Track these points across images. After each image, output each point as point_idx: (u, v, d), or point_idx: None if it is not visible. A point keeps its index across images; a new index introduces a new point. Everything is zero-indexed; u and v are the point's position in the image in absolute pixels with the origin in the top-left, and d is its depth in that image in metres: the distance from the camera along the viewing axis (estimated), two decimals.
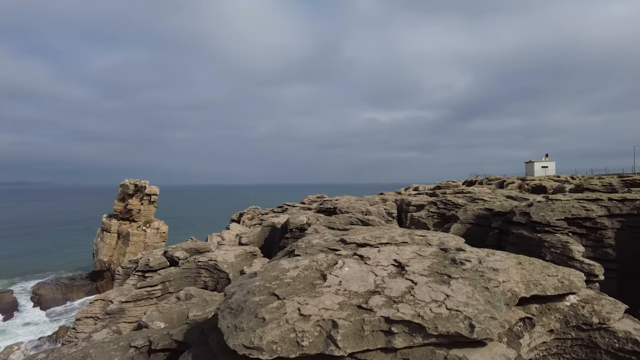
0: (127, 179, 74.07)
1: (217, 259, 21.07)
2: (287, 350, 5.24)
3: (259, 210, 53.20)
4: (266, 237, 32.37)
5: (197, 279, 20.94)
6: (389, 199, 35.82)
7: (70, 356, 9.40)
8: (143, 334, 9.85)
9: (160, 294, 20.05)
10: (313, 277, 7.33)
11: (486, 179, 59.29)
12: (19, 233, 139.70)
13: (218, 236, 38.37)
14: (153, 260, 22.61)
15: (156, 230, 70.70)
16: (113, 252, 71.40)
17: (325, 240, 10.32)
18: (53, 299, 63.86)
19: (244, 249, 22.70)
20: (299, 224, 25.14)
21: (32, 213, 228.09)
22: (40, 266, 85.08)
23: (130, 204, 71.90)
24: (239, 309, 6.27)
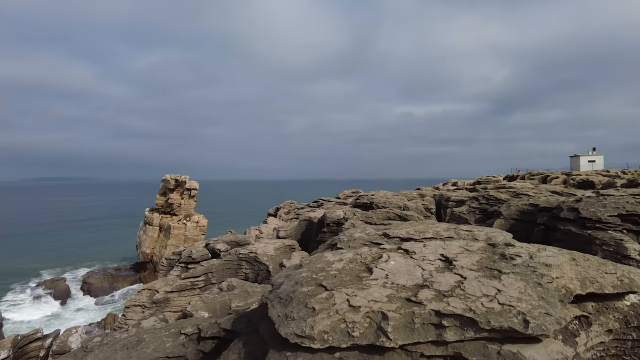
0: (168, 174, 76.78)
1: (257, 252, 21.55)
2: (338, 340, 5.34)
3: (295, 205, 53.72)
4: (303, 231, 32.73)
5: (238, 271, 21.51)
6: (426, 194, 35.24)
7: (125, 340, 9.93)
8: (192, 322, 10.27)
9: (203, 285, 20.76)
10: (359, 270, 7.38)
11: (528, 173, 57.13)
12: (68, 226, 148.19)
13: (256, 230, 39.16)
14: (195, 252, 23.40)
15: (196, 223, 73.00)
16: (155, 244, 74.37)
17: (368, 234, 10.34)
18: (101, 287, 67.49)
19: (282, 242, 23.09)
20: (335, 219, 25.24)
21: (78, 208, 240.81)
22: (88, 257, 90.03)
23: (171, 198, 74.55)
24: (288, 298, 6.43)
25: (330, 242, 10.69)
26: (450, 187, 52.93)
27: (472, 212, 25.18)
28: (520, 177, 56.22)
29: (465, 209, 25.35)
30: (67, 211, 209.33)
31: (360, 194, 35.06)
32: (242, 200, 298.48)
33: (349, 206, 31.38)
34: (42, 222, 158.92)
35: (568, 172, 51.20)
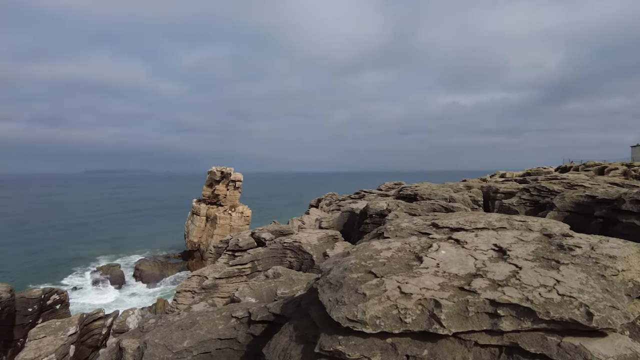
0: (214, 167, 79.30)
1: (301, 241, 21.88)
2: (390, 326, 5.35)
3: (336, 196, 53.82)
4: (345, 222, 32.78)
5: (282, 259, 21.97)
6: (473, 186, 34.15)
7: (180, 321, 10.45)
8: (242, 306, 10.63)
9: (249, 272, 21.39)
10: (408, 259, 7.33)
11: (583, 165, 53.80)
12: (122, 216, 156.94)
13: (299, 220, 39.69)
14: (242, 240, 24.11)
15: (241, 214, 75.06)
16: (202, 233, 77.27)
17: (415, 224, 10.21)
18: (152, 274, 71.15)
19: (326, 232, 23.29)
20: (378, 210, 25.08)
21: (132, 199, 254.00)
22: (140, 245, 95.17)
23: (217, 190, 77.04)
24: (338, 284, 6.50)
25: (377, 231, 10.66)
26: (498, 178, 50.98)
27: (522, 204, 24.14)
28: (574, 168, 53.06)
29: (515, 201, 24.34)
30: (122, 202, 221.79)
31: (403, 186, 34.58)
32: (284, 192, 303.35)
33: (392, 198, 31.05)
34: (99, 212, 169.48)
35: (629, 163, 47.72)
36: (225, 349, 9.20)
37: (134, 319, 19.91)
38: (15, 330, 21.96)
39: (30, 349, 15.52)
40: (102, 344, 20.33)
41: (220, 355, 9.20)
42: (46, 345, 15.78)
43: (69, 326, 16.91)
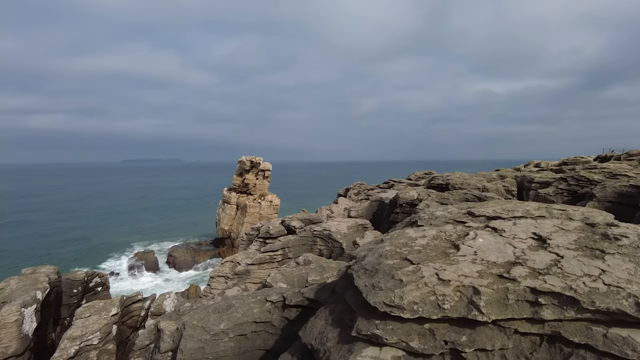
0: (244, 156, 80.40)
1: (330, 229, 22.00)
2: (428, 312, 5.35)
3: (365, 186, 53.57)
4: (374, 211, 32.67)
5: (312, 247, 22.18)
6: (507, 176, 33.22)
7: (216, 305, 10.79)
8: (276, 290, 10.85)
9: (280, 259, 21.73)
10: (444, 247, 7.27)
11: (625, 154, 51.13)
12: (156, 204, 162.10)
13: (327, 209, 39.82)
14: (273, 228, 24.47)
15: (270, 202, 76.02)
16: (232, 221, 78.81)
17: (450, 212, 10.07)
18: (184, 260, 73.29)
19: (355, 221, 23.31)
20: (409, 199, 24.84)
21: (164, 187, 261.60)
22: (173, 232, 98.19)
23: (247, 179, 78.17)
24: (373, 270, 6.53)
25: (410, 220, 10.59)
26: (533, 168, 49.29)
27: (559, 194, 23.30)
28: (615, 157, 50.53)
29: (551, 191, 23.52)
30: (157, 190, 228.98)
31: (434, 175, 34.03)
32: (312, 181, 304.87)
33: (423, 187, 30.65)
34: (135, 200, 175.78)
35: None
36: (260, 332, 9.46)
37: (170, 302, 20.69)
38: (62, 309, 23.24)
39: (78, 327, 16.44)
40: (141, 325, 21.25)
41: (255, 337, 9.47)
42: (91, 324, 16.67)
43: (111, 307, 17.77)
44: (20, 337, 16.70)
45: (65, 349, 16.13)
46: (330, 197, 70.84)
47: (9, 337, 16.39)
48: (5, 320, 16.38)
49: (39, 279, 20.28)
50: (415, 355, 5.27)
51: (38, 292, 18.98)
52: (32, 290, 19.01)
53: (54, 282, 21.35)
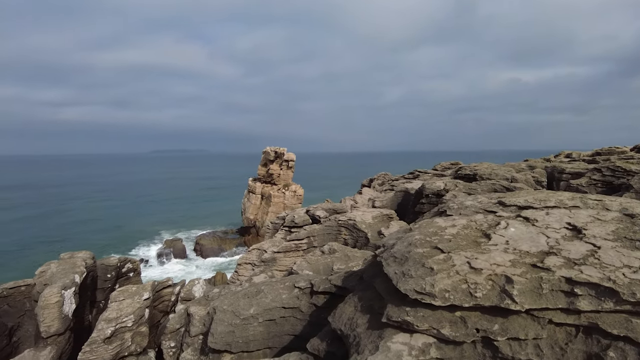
0: (268, 147, 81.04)
1: (355, 219, 22.02)
2: (460, 299, 5.32)
3: (389, 176, 53.17)
4: (399, 202, 32.43)
5: (337, 236, 22.28)
6: (536, 166, 32.28)
7: (245, 290, 11.04)
8: (304, 277, 10.99)
9: (305, 247, 21.95)
10: (475, 236, 7.18)
11: None
12: (183, 194, 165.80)
13: (351, 200, 39.77)
14: (298, 217, 24.68)
15: (294, 192, 76.57)
16: (257, 211, 79.88)
17: (480, 202, 9.91)
18: (211, 248, 74.97)
19: (380, 211, 23.22)
20: (435, 190, 24.53)
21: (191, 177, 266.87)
22: (200, 221, 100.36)
23: (271, 169, 78.89)
24: (403, 258, 6.53)
25: (438, 209, 10.48)
26: (564, 159, 47.68)
27: (592, 185, 22.48)
28: None
29: (584, 182, 22.72)
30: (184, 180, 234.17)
31: (460, 166, 33.42)
32: (336, 172, 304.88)
33: (449, 177, 30.19)
34: (163, 189, 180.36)
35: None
36: (289, 317, 9.62)
37: (199, 288, 21.28)
38: (98, 293, 24.28)
39: (113, 309, 17.16)
40: (171, 310, 21.98)
41: (284, 322, 9.65)
42: (125, 307, 17.36)
43: (144, 291, 18.42)
44: (61, 317, 17.56)
45: (102, 329, 16.87)
46: (354, 188, 70.68)
47: (51, 316, 17.26)
48: (47, 301, 17.24)
49: (76, 264, 21.19)
50: (446, 342, 5.27)
51: (76, 276, 19.86)
52: (71, 273, 19.89)
53: (90, 267, 22.27)
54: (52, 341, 17.46)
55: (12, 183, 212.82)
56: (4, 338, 19.77)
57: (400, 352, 5.19)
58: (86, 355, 16.73)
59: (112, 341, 17.12)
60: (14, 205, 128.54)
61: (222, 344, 9.55)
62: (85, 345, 16.89)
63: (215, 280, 52.11)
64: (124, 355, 17.43)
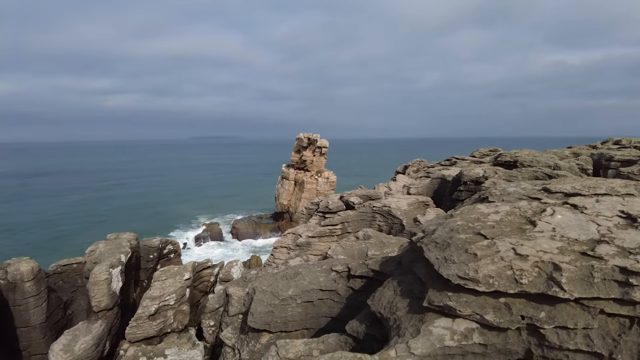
0: (301, 133, 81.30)
1: (390, 206, 21.86)
2: (504, 286, 5.22)
3: (425, 163, 52.19)
4: (435, 189, 31.87)
5: (372, 222, 22.23)
6: (581, 153, 30.75)
7: (284, 272, 11.27)
8: (341, 261, 11.09)
9: (340, 233, 22.06)
10: (519, 223, 6.98)
11: None
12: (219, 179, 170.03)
13: (385, 187, 39.46)
14: (332, 203, 24.76)
15: (326, 179, 76.74)
16: (291, 197, 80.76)
17: (524, 188, 9.60)
18: (246, 232, 76.78)
19: (416, 198, 22.92)
20: (474, 177, 23.91)
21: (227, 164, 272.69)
22: (235, 205, 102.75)
23: (304, 156, 79.23)
24: (444, 243, 6.46)
25: (479, 196, 10.24)
26: (612, 145, 45.10)
27: None
28: None
29: (636, 170, 21.43)
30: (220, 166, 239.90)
31: (500, 152, 32.34)
32: (370, 158, 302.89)
33: (488, 165, 29.30)
34: (201, 175, 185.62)
35: None
36: (326, 299, 9.77)
37: (237, 270, 21.94)
38: (141, 272, 25.53)
39: (157, 288, 18.05)
40: (210, 290, 22.83)
41: (321, 304, 9.81)
42: (168, 286, 18.21)
43: (185, 272, 19.22)
44: (109, 293, 18.62)
45: (147, 307, 17.78)
46: (388, 175, 69.99)
47: (101, 292, 18.34)
48: (97, 278, 18.31)
49: (122, 244, 22.30)
50: (489, 328, 5.20)
51: (122, 256, 20.92)
52: (117, 253, 20.98)
53: (134, 247, 23.38)
54: (103, 315, 18.59)
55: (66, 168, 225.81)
56: (60, 311, 21.22)
57: (442, 336, 5.18)
58: (133, 330, 17.72)
59: (156, 318, 18.03)
60: (65, 189, 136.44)
61: (262, 323, 9.84)
62: (132, 321, 17.88)
63: (250, 263, 53.45)
64: (166, 331, 18.34)
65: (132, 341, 17.55)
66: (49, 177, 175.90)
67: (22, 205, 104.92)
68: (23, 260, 20.08)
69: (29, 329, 19.62)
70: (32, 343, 19.76)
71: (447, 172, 33.53)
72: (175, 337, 18.17)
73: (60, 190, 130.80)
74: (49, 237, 73.54)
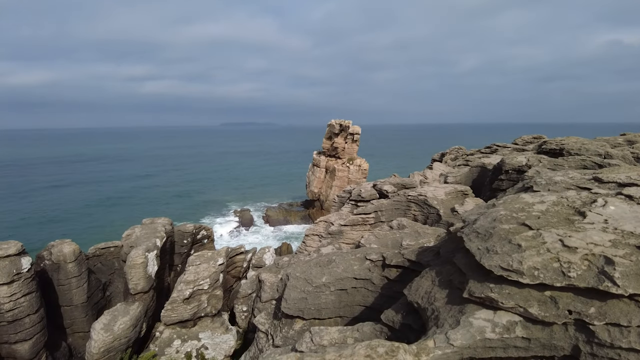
0: (333, 120, 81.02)
1: (427, 195, 21.57)
2: (551, 278, 5.10)
3: (463, 151, 50.99)
4: (474, 178, 31.15)
5: (406, 212, 22.05)
6: (637, 141, 29.09)
7: (317, 259, 11.43)
8: (375, 250, 11.12)
9: (373, 222, 22.04)
10: (567, 213, 6.76)
11: None
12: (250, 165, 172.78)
13: (420, 175, 38.86)
14: (364, 191, 24.72)
15: (358, 167, 76.38)
16: (322, 184, 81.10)
17: (572, 177, 9.26)
18: (277, 219, 78.08)
19: (454, 187, 22.49)
20: (516, 165, 23.17)
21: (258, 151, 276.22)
22: (266, 193, 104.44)
23: (336, 142, 79.05)
24: (487, 234, 6.36)
25: (523, 185, 9.97)
26: None
27: None
28: None
29: None
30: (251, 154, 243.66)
31: (544, 140, 31.10)
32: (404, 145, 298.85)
33: (532, 152, 28.29)
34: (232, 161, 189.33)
35: None
36: (360, 288, 9.85)
37: (270, 256, 22.43)
38: (175, 257, 26.58)
39: (191, 273, 18.79)
40: (243, 276, 23.52)
41: (355, 293, 9.91)
42: (202, 271, 18.90)
43: (218, 257, 19.86)
44: (146, 276, 19.52)
45: (181, 290, 18.53)
46: (424, 163, 68.91)
47: (138, 276, 19.24)
48: (134, 261, 19.21)
49: (157, 229, 23.23)
50: (533, 321, 5.12)
51: (157, 240, 21.82)
52: (153, 237, 21.88)
53: (168, 232, 24.32)
54: (139, 297, 19.53)
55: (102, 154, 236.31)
56: (99, 292, 22.47)
57: (483, 328, 5.15)
58: (168, 313, 18.54)
59: (190, 302, 18.77)
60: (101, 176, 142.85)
61: (295, 309, 10.06)
62: (167, 304, 18.70)
63: (281, 251, 54.42)
64: (200, 315, 19.07)
65: (167, 324, 18.40)
66: (86, 164, 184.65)
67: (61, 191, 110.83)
68: (65, 242, 21.34)
69: (72, 308, 20.94)
70: (75, 321, 21.11)
71: (487, 160, 32.65)
72: (209, 321, 18.89)
73: (97, 177, 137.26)
74: (87, 221, 77.54)
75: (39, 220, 77.44)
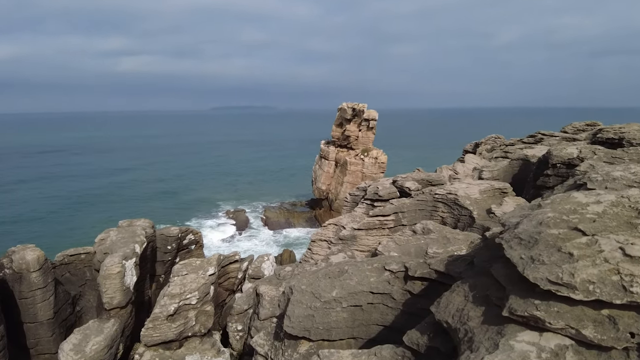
0: (344, 103, 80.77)
1: (457, 193, 21.54)
2: (609, 294, 5.08)
3: (502, 140, 50.82)
4: (515, 172, 31.07)
5: (433, 214, 22.05)
6: None
7: (326, 270, 11.49)
8: (396, 259, 11.15)
9: (392, 225, 22.08)
10: (629, 216, 6.71)
11: None
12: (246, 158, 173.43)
13: (450, 169, 38.84)
14: (382, 189, 24.72)
15: (375, 159, 76.15)
16: (331, 180, 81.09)
17: (634, 173, 9.20)
18: (277, 222, 78.46)
19: (490, 184, 22.44)
20: (565, 158, 23.04)
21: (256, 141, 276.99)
22: (264, 190, 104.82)
23: (347, 130, 78.85)
24: (531, 240, 6.34)
25: (575, 181, 9.93)
26: None
27: None
28: None
29: None
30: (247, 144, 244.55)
31: (600, 127, 30.86)
32: (430, 133, 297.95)
33: (584, 142, 28.10)
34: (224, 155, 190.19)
35: None
36: (377, 304, 9.89)
37: (269, 265, 22.59)
38: (158, 266, 26.87)
39: (176, 284, 18.97)
40: (237, 288, 23.69)
41: (372, 310, 9.95)
42: (189, 282, 19.09)
43: (208, 266, 20.03)
44: (123, 289, 19.75)
45: (165, 305, 18.70)
46: (454, 155, 68.63)
47: (113, 288, 19.48)
48: (109, 271, 19.45)
49: (136, 232, 23.46)
50: (587, 346, 5.10)
51: (136, 246, 22.04)
52: (131, 243, 22.11)
53: (149, 237, 24.55)
54: (115, 313, 19.77)
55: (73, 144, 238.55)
56: (68, 306, 22.78)
57: (527, 353, 5.14)
58: (149, 332, 18.72)
59: (175, 319, 18.93)
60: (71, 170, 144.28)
61: (300, 329, 10.12)
62: (148, 322, 18.89)
63: (282, 259, 54.54)
64: (187, 335, 19.23)
65: (148, 345, 18.58)
66: (53, 155, 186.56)
67: (23, 187, 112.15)
68: (28, 248, 21.63)
69: (36, 325, 21.25)
70: (40, 340, 21.43)
71: (530, 151, 32.54)
72: (197, 342, 19.06)
73: (66, 171, 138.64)
74: (53, 223, 78.47)
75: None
